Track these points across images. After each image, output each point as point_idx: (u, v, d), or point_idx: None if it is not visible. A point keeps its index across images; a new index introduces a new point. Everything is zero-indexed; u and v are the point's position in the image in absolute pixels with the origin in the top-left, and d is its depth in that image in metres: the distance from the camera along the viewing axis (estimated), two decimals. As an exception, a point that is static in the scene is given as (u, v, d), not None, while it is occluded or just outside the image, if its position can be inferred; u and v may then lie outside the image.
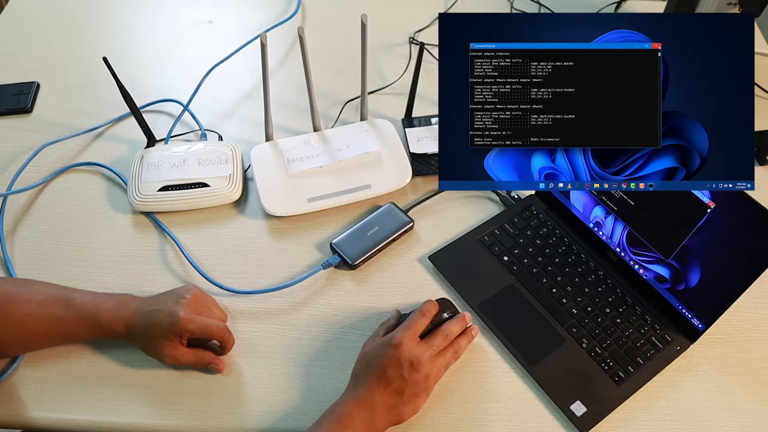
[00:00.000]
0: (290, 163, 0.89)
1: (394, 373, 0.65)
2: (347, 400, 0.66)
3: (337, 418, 0.64)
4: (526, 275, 0.81)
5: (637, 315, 0.78)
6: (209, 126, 0.98)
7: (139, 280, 0.81)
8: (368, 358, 0.68)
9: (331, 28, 1.15)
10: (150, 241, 0.85)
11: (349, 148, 0.90)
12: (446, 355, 0.69)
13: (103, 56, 0.82)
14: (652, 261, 0.77)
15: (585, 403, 0.70)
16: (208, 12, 1.18)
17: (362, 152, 0.90)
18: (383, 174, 0.89)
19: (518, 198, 0.89)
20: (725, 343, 0.77)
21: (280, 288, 0.79)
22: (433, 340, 0.69)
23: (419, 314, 0.70)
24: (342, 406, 0.65)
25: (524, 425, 0.70)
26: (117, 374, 0.72)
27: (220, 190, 0.86)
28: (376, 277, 0.82)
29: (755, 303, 0.79)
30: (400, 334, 0.67)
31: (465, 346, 0.72)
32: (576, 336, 0.76)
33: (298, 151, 0.90)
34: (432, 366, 0.67)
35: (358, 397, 0.65)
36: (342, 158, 0.89)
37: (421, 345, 0.68)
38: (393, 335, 0.68)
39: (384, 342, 0.68)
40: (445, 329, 0.70)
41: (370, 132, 0.93)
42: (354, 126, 0.94)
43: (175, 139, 0.96)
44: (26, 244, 0.84)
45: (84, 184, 0.91)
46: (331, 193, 0.86)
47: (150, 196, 0.85)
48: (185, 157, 0.88)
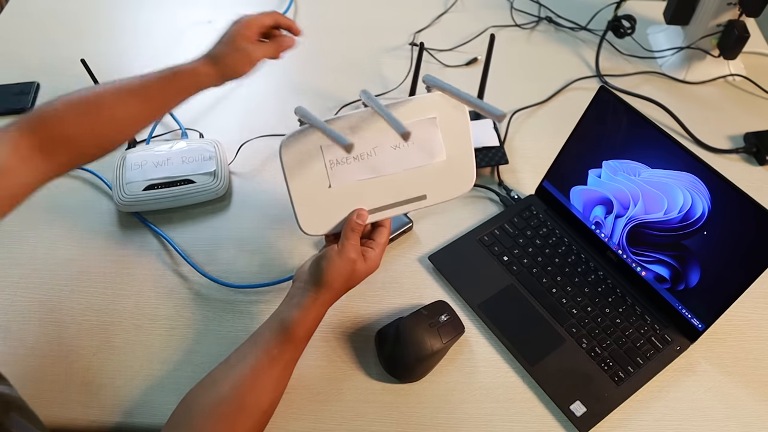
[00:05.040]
0: (333, 167, 0.65)
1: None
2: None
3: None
4: (526, 275, 0.81)
5: (636, 315, 0.78)
6: (188, 125, 0.97)
7: (138, 278, 0.81)
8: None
9: (329, 28, 1.15)
10: (140, 240, 0.85)
11: (407, 147, 0.66)
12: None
13: (81, 58, 0.82)
14: (652, 261, 0.77)
15: (585, 403, 0.70)
16: (208, 12, 1.18)
17: (421, 164, 0.66)
18: (441, 179, 0.67)
19: (518, 198, 0.89)
20: (725, 343, 0.77)
21: (277, 282, 0.79)
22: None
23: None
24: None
25: (524, 425, 0.70)
26: (117, 374, 0.72)
27: (206, 186, 0.86)
28: (376, 276, 0.81)
29: (755, 303, 0.79)
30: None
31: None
32: (576, 336, 0.76)
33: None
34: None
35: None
36: (397, 169, 0.66)
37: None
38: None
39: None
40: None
41: (436, 118, 0.66)
42: (415, 103, 0.65)
43: (156, 140, 0.96)
44: (24, 248, 0.84)
45: (65, 188, 0.90)
46: (382, 206, 0.67)
47: (136, 196, 0.85)
48: (168, 156, 0.88)
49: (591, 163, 0.81)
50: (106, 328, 0.76)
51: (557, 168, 0.85)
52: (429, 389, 0.72)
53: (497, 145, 0.92)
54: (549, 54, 1.12)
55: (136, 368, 0.73)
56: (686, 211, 0.73)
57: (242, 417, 0.60)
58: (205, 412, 0.60)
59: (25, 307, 0.78)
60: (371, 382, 0.73)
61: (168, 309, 0.78)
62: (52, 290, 0.79)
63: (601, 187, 0.80)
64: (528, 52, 1.12)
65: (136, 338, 0.75)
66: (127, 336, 0.76)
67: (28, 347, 0.75)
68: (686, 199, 0.72)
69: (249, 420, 0.61)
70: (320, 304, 0.65)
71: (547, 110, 1.03)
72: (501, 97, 1.01)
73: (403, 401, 0.71)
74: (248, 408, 0.61)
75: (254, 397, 0.61)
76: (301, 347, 0.66)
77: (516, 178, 0.93)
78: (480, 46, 1.09)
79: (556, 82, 1.06)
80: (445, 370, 0.74)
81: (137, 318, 0.77)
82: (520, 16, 1.17)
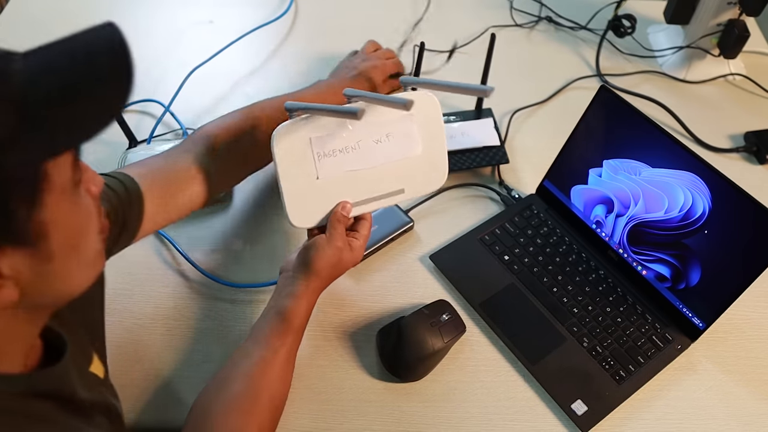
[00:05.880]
0: (321, 159, 0.68)
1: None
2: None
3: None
4: (527, 274, 0.81)
5: (637, 314, 0.78)
6: (189, 125, 0.97)
7: (140, 279, 0.81)
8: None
9: (329, 28, 1.14)
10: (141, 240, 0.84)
11: (388, 142, 0.70)
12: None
13: None
14: (653, 260, 0.77)
15: (586, 402, 0.70)
16: (208, 12, 1.17)
17: (401, 157, 0.71)
18: (417, 174, 0.72)
19: (519, 197, 0.89)
20: (726, 342, 0.77)
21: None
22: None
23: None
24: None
25: (525, 424, 0.70)
26: (117, 374, 0.72)
27: None
28: (377, 276, 0.82)
29: (756, 302, 0.79)
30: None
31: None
32: (577, 335, 0.76)
33: (331, 139, 0.68)
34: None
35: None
36: (379, 161, 0.70)
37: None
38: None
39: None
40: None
41: (413, 115, 0.70)
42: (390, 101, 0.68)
43: (157, 140, 0.95)
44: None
45: None
46: (363, 200, 0.71)
47: None
48: None
49: (592, 163, 0.81)
50: (107, 328, 0.76)
51: (558, 167, 0.86)
52: (430, 388, 0.72)
53: (498, 145, 0.92)
54: (549, 53, 1.12)
55: (137, 368, 0.73)
56: (687, 210, 0.73)
57: (258, 409, 0.62)
58: (222, 410, 0.61)
59: (26, 307, 0.78)
60: (372, 381, 0.73)
61: (168, 308, 0.78)
62: (52, 290, 0.79)
63: (601, 186, 0.81)
64: (528, 52, 1.12)
65: (137, 338, 0.75)
66: (127, 336, 0.76)
67: (29, 347, 0.74)
68: (687, 198, 0.72)
69: (265, 411, 0.63)
70: (311, 291, 0.67)
71: (547, 110, 1.03)
72: (501, 97, 1.01)
73: (404, 400, 0.71)
74: (262, 400, 0.62)
75: (266, 389, 0.63)
76: (300, 335, 0.67)
77: (517, 178, 0.93)
78: (480, 46, 1.09)
79: (556, 82, 1.06)
80: (446, 369, 0.74)
81: (137, 317, 0.77)
82: (520, 16, 1.17)
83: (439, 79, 0.67)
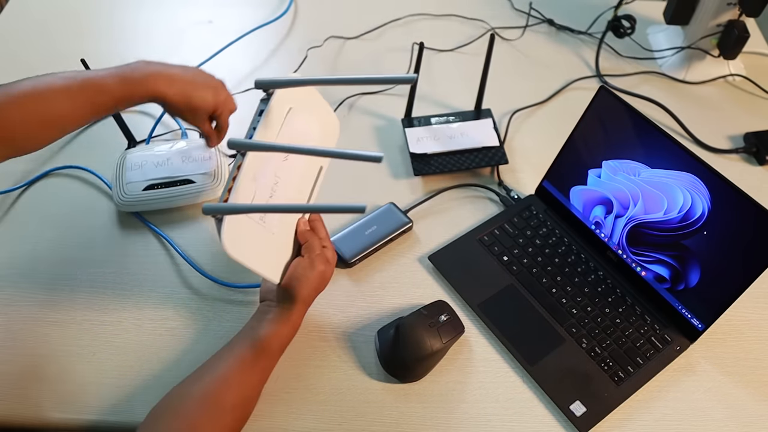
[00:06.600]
0: (264, 218, 0.67)
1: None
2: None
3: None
4: (526, 275, 0.81)
5: (636, 315, 0.78)
6: (188, 125, 0.97)
7: (138, 278, 0.81)
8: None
9: (328, 28, 1.14)
10: (140, 240, 0.85)
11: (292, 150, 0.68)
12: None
13: (81, 58, 0.82)
14: (652, 261, 0.77)
15: (585, 403, 0.70)
16: (208, 12, 1.17)
17: (307, 144, 0.72)
18: (322, 141, 0.75)
19: (518, 198, 0.89)
20: (725, 343, 0.77)
21: None
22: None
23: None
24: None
25: (524, 425, 0.70)
26: (117, 374, 0.72)
27: (206, 186, 0.86)
28: (375, 276, 0.82)
29: (755, 303, 0.79)
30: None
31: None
32: (576, 336, 0.76)
33: (260, 193, 0.68)
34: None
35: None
36: (300, 164, 0.72)
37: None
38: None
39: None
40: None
41: (291, 108, 0.71)
42: (271, 109, 0.69)
43: (156, 140, 0.95)
44: (24, 248, 0.84)
45: (65, 188, 0.90)
46: (306, 203, 0.74)
47: (136, 196, 0.84)
48: (168, 156, 0.88)
49: (591, 163, 0.81)
50: (106, 328, 0.76)
51: (557, 168, 0.85)
52: (429, 389, 0.72)
53: (497, 145, 0.92)
54: (549, 54, 1.12)
55: (136, 368, 0.73)
56: (686, 211, 0.73)
57: (204, 413, 0.61)
58: (170, 413, 0.62)
59: (25, 307, 0.78)
60: (371, 382, 0.73)
61: (168, 309, 0.78)
62: (52, 290, 0.79)
63: (600, 187, 0.80)
64: (528, 52, 1.12)
65: (136, 338, 0.75)
66: (127, 336, 0.76)
67: (28, 347, 0.75)
68: (686, 199, 0.72)
69: (211, 416, 0.62)
70: (297, 316, 0.68)
71: (547, 110, 1.03)
72: (501, 97, 1.01)
73: (403, 401, 0.71)
74: (210, 405, 0.62)
75: (220, 394, 0.63)
76: (277, 357, 0.68)
77: (516, 178, 0.93)
78: (480, 47, 1.09)
79: (555, 82, 1.06)
80: (444, 370, 0.74)
81: (137, 318, 0.77)
82: (520, 17, 1.17)
83: (295, 78, 0.68)
